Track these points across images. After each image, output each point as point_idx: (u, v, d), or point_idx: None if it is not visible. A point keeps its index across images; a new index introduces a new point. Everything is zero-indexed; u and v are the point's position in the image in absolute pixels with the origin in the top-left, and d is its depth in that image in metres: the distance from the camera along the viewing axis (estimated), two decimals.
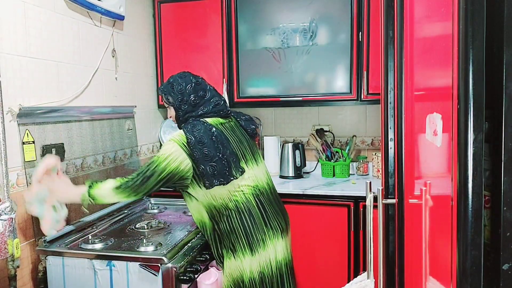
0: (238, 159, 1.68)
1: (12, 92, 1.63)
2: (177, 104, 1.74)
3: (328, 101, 2.56)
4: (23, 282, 1.66)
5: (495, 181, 0.72)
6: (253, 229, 1.66)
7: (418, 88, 1.10)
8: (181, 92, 1.73)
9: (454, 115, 0.72)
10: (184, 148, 1.58)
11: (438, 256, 0.89)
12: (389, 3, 1.29)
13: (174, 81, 1.77)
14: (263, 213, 1.70)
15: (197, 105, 1.73)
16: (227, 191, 1.64)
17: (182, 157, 1.58)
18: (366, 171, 2.74)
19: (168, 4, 2.72)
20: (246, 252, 1.65)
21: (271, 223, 1.71)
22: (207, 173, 1.58)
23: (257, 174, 1.76)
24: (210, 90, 1.79)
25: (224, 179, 1.60)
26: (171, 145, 1.60)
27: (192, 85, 1.75)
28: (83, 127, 2.02)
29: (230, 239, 1.66)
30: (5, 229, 1.44)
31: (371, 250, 1.25)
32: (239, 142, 1.75)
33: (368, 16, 2.39)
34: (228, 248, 1.67)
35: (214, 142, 1.60)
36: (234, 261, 1.67)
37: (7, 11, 1.62)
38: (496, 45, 0.69)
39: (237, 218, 1.65)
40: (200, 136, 1.59)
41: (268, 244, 1.68)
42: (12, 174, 1.61)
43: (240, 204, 1.66)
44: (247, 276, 1.66)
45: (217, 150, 1.59)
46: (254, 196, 1.70)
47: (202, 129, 1.62)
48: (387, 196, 1.32)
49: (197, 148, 1.57)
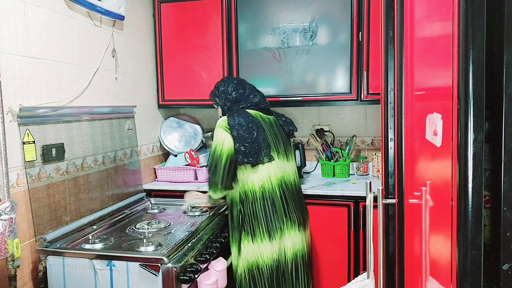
0: (270, 148, 1.92)
1: (12, 92, 1.63)
2: (222, 103, 2.05)
3: (328, 101, 2.56)
4: (23, 282, 1.66)
5: (495, 181, 0.72)
6: (274, 217, 1.86)
7: (418, 88, 1.10)
8: (224, 92, 2.04)
9: (454, 115, 0.72)
10: (227, 129, 1.87)
11: (438, 256, 0.89)
12: (389, 3, 1.29)
13: (218, 85, 2.09)
14: (284, 204, 1.90)
15: (239, 100, 2.01)
16: (258, 178, 1.88)
17: (228, 138, 1.86)
18: (366, 171, 2.74)
19: (168, 4, 2.72)
20: (264, 237, 1.83)
21: (290, 215, 1.91)
22: (240, 151, 1.84)
23: (286, 169, 1.97)
24: (249, 88, 2.07)
25: (253, 159, 1.85)
26: (218, 131, 1.90)
27: (233, 85, 2.05)
28: (83, 127, 2.02)
29: (251, 223, 1.85)
30: (5, 229, 1.44)
31: (371, 250, 1.25)
32: (274, 136, 1.98)
33: (368, 16, 2.39)
34: (248, 232, 1.85)
35: (249, 127, 1.87)
36: (252, 245, 1.85)
37: (7, 11, 1.62)
38: (496, 45, 0.69)
39: (261, 205, 1.86)
40: (239, 120, 1.88)
41: (285, 233, 1.87)
42: (12, 174, 1.61)
43: (266, 192, 1.87)
44: (263, 261, 1.83)
45: (250, 134, 1.86)
46: (279, 187, 1.91)
47: (241, 115, 1.91)
48: (387, 196, 1.32)
49: (235, 129, 1.85)
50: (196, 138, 2.94)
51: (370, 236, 1.26)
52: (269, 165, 1.89)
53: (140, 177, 2.52)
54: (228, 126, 1.87)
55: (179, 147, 2.88)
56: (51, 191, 1.79)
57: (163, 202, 2.39)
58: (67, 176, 1.89)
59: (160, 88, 2.78)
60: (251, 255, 1.84)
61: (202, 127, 3.01)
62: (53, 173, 1.81)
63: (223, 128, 1.88)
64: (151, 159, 2.73)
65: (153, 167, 2.74)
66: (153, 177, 2.74)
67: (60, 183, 1.84)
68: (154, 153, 2.78)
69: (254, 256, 1.83)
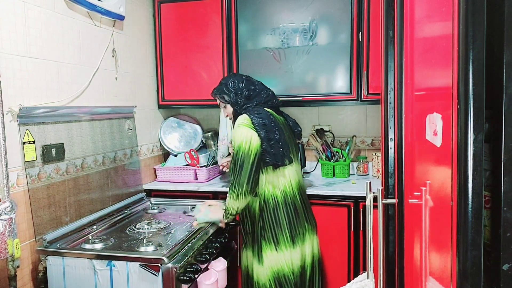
0: (289, 150, 1.85)
1: (12, 92, 1.63)
2: (233, 100, 1.91)
3: (328, 101, 2.56)
4: (23, 282, 1.66)
5: (495, 181, 0.71)
6: (296, 223, 1.78)
7: (418, 88, 1.10)
8: (235, 89, 1.91)
9: (454, 115, 0.72)
10: (252, 127, 1.76)
11: (438, 256, 0.89)
12: (389, 3, 1.29)
13: (226, 82, 1.95)
14: (303, 208, 1.85)
15: (251, 97, 1.90)
16: (278, 181, 1.79)
17: (255, 135, 1.75)
18: (366, 171, 2.74)
19: (168, 4, 2.72)
20: (288, 244, 1.76)
21: (310, 218, 1.86)
22: (269, 151, 1.74)
23: (298, 171, 1.91)
24: (258, 84, 1.98)
25: (278, 160, 1.76)
26: (242, 129, 1.77)
27: (244, 81, 1.94)
28: (83, 127, 2.02)
29: (273, 231, 1.76)
30: (5, 229, 1.44)
31: (371, 250, 1.25)
32: (288, 137, 1.91)
33: (368, 16, 2.39)
34: (270, 241, 1.77)
35: (273, 126, 1.78)
36: (276, 253, 1.77)
37: (7, 11, 1.62)
38: (496, 45, 0.69)
39: (284, 211, 1.77)
40: (262, 119, 1.78)
41: (307, 239, 1.82)
42: (12, 174, 1.61)
43: (288, 197, 1.80)
44: (289, 268, 1.76)
45: (275, 134, 1.78)
46: (298, 190, 1.85)
47: (263, 113, 1.80)
48: (387, 196, 1.32)
49: (260, 128, 1.75)
50: (196, 138, 2.94)
51: (370, 236, 1.26)
52: (290, 167, 1.82)
53: (140, 177, 2.52)
54: (253, 124, 1.75)
55: (179, 147, 2.88)
56: (51, 191, 1.79)
57: (163, 202, 2.39)
58: (67, 176, 1.89)
59: (160, 88, 2.78)
60: (276, 264, 1.77)
61: (202, 127, 3.01)
62: (53, 173, 1.81)
63: (247, 126, 1.75)
64: (151, 159, 2.73)
65: (153, 167, 2.74)
66: (153, 177, 2.74)
67: (60, 183, 1.84)
68: (154, 153, 2.78)
69: (279, 264, 1.76)
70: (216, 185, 2.55)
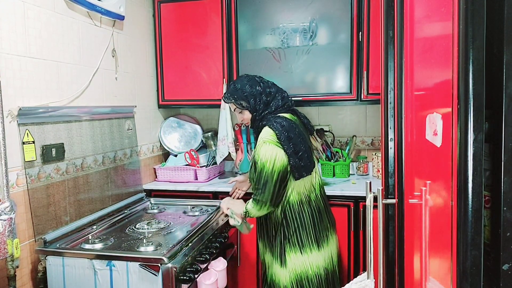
0: (312, 154, 1.82)
1: (12, 92, 1.63)
2: (252, 106, 1.83)
3: (328, 101, 2.56)
4: (22, 282, 1.66)
5: (495, 181, 0.71)
6: (321, 225, 1.78)
7: (418, 88, 1.10)
8: (253, 94, 1.82)
9: (454, 115, 0.72)
10: (278, 144, 1.70)
11: (438, 256, 0.89)
12: (389, 3, 1.29)
13: (242, 86, 1.84)
14: (325, 208, 1.84)
15: (269, 102, 1.83)
16: (304, 187, 1.78)
17: (281, 153, 1.70)
18: (366, 171, 2.74)
19: (168, 4, 2.72)
20: (313, 247, 1.75)
21: (330, 217, 1.86)
22: (298, 165, 1.71)
23: (317, 170, 1.88)
24: (273, 85, 1.90)
25: (306, 171, 1.74)
26: (267, 147, 1.71)
27: (260, 84, 1.84)
28: (83, 127, 2.02)
29: (298, 234, 1.75)
30: (5, 229, 1.44)
31: (371, 250, 1.25)
32: (307, 138, 1.86)
33: (368, 16, 2.39)
34: (295, 244, 1.76)
35: (297, 137, 1.73)
36: (300, 256, 1.75)
37: (7, 11, 1.62)
38: (496, 45, 0.69)
39: (309, 215, 1.77)
40: (287, 131, 1.71)
41: (330, 240, 1.82)
42: (12, 174, 1.61)
43: (313, 201, 1.79)
44: (312, 271, 1.76)
45: (301, 144, 1.73)
46: (320, 192, 1.84)
47: (286, 125, 1.73)
48: (387, 196, 1.32)
49: (286, 143, 1.69)
50: (196, 138, 2.94)
51: (370, 236, 1.26)
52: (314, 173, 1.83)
53: (140, 177, 2.52)
54: (279, 140, 1.70)
55: (179, 147, 2.88)
56: (51, 191, 1.79)
57: (163, 202, 2.39)
58: (67, 176, 1.89)
59: (160, 88, 2.78)
60: (300, 266, 1.76)
61: (202, 127, 3.01)
62: (53, 173, 1.81)
63: (273, 143, 1.70)
64: (151, 159, 2.73)
65: (153, 167, 2.74)
66: (153, 177, 2.74)
67: (60, 183, 1.84)
68: (154, 153, 2.78)
69: (303, 267, 1.76)
70: (216, 185, 2.55)
